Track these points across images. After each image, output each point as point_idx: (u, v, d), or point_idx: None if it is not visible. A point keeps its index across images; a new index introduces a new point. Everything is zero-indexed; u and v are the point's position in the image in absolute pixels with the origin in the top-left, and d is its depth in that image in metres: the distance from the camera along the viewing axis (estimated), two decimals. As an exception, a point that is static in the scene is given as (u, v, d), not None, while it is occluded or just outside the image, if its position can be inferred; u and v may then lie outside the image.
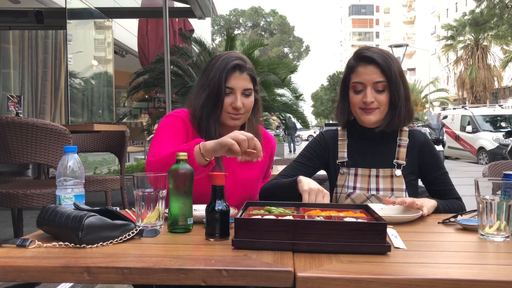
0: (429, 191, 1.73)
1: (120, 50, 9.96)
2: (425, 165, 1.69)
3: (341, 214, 1.18)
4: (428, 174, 1.70)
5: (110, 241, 1.06)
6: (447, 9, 48.49)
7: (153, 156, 1.47)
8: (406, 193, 1.62)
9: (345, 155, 1.70)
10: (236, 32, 41.18)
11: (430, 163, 1.69)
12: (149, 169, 1.42)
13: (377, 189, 1.63)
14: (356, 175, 1.66)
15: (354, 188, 1.65)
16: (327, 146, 1.75)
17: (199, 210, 1.35)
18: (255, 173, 1.74)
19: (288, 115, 6.59)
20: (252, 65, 1.66)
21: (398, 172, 1.63)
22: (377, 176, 1.64)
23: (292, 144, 22.09)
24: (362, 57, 1.62)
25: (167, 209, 1.21)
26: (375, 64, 1.59)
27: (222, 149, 1.34)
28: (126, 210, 1.42)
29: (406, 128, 1.72)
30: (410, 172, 1.67)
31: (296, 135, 24.11)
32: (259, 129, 1.74)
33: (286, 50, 43.38)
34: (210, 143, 1.38)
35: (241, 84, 1.59)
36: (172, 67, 5.70)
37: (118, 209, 1.17)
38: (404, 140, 1.68)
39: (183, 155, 1.21)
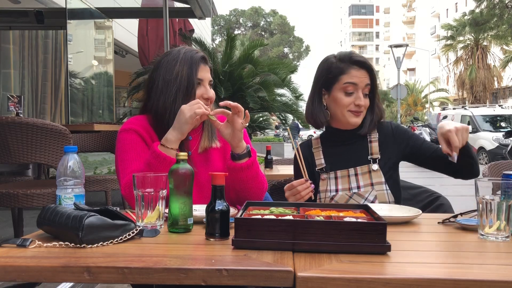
0: (432, 161, 1.69)
1: (120, 50, 9.95)
2: (410, 149, 1.71)
3: (341, 214, 1.18)
4: (417, 150, 1.71)
5: (110, 241, 1.06)
6: (447, 9, 48.49)
7: (127, 189, 1.47)
8: (386, 185, 1.65)
9: (322, 161, 1.75)
10: (236, 32, 41.14)
11: (411, 144, 1.71)
12: (128, 201, 1.46)
13: (358, 187, 1.67)
14: (336, 178, 1.71)
15: (336, 190, 1.69)
16: (306, 159, 1.75)
17: (199, 210, 1.35)
18: (220, 165, 1.65)
19: (289, 115, 6.60)
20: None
21: (375, 166, 1.68)
22: (356, 175, 1.69)
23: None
24: (355, 61, 1.68)
25: (167, 209, 1.21)
26: (366, 69, 1.68)
27: (184, 125, 1.43)
28: (126, 210, 1.42)
29: None
30: (389, 165, 1.70)
31: (298, 135, 24.64)
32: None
33: (286, 50, 43.35)
34: (169, 133, 1.46)
35: (208, 75, 1.61)
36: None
37: (118, 209, 1.17)
38: (374, 135, 1.74)
39: (183, 155, 1.21)
